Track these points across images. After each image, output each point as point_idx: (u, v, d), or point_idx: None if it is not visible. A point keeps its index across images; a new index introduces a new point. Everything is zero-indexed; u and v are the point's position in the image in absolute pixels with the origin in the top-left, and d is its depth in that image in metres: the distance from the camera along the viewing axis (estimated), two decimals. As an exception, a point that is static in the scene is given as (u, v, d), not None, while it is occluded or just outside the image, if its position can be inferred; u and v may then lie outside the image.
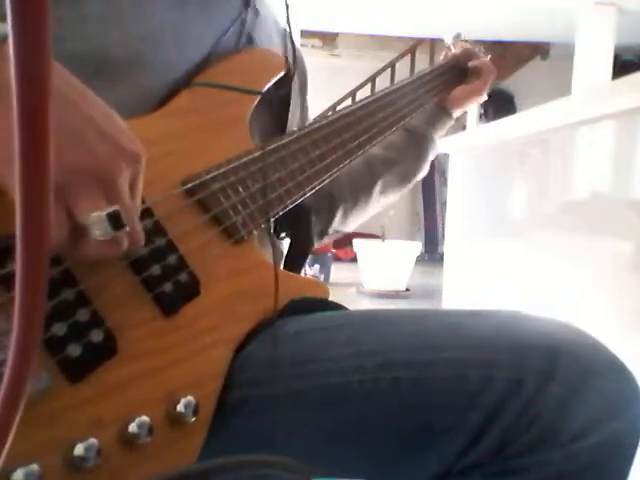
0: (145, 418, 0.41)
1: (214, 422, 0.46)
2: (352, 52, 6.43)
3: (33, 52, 0.16)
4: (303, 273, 0.68)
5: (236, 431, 0.49)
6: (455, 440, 0.47)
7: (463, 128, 2.67)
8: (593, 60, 3.59)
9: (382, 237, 4.50)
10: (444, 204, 4.70)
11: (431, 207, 6.53)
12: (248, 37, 0.64)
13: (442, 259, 2.69)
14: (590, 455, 0.45)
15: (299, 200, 0.61)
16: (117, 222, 0.37)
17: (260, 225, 0.56)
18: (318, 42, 6.25)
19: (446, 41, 0.98)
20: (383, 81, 5.55)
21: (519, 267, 1.96)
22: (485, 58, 0.94)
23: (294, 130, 0.64)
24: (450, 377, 0.48)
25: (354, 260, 4.64)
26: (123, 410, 0.41)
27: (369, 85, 5.79)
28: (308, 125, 0.65)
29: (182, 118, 0.54)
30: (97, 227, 0.37)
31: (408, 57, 5.86)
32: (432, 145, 0.87)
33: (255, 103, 0.60)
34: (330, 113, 0.69)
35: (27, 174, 0.16)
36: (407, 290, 4.43)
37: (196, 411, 0.44)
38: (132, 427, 0.41)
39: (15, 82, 0.16)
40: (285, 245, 0.69)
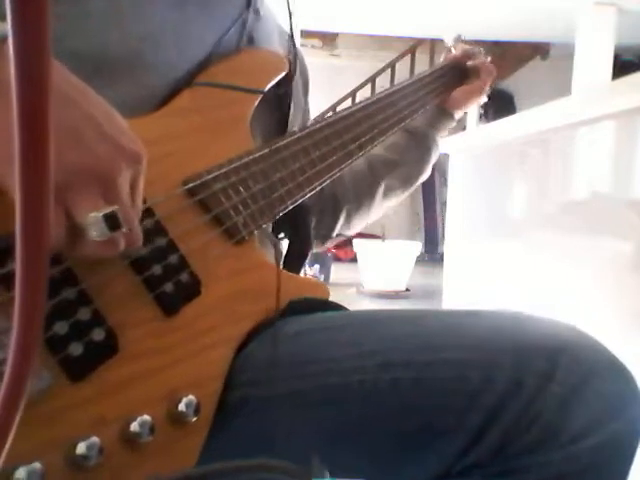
0: (147, 417, 0.41)
1: (215, 422, 0.46)
2: (352, 52, 6.43)
3: (33, 51, 0.16)
4: (303, 273, 0.68)
5: (237, 431, 0.49)
6: (455, 441, 0.47)
7: (463, 128, 2.67)
8: (593, 60, 3.59)
9: (382, 237, 4.50)
10: (444, 204, 4.70)
11: (431, 207, 6.53)
12: (249, 37, 0.64)
13: (442, 259, 2.69)
14: (590, 456, 0.45)
15: (300, 201, 0.61)
16: (114, 223, 0.37)
17: (261, 226, 0.56)
18: (318, 42, 6.25)
19: (446, 42, 0.98)
20: (383, 81, 5.55)
21: (519, 267, 1.96)
22: (485, 59, 0.94)
23: (295, 130, 0.64)
24: (450, 378, 0.48)
25: (354, 260, 4.64)
26: (125, 409, 0.41)
27: (369, 85, 5.79)
28: (309, 126, 0.65)
29: (184, 118, 0.54)
30: (94, 228, 0.37)
31: (408, 57, 5.85)
32: (434, 146, 0.87)
33: (256, 103, 0.60)
34: (331, 114, 0.69)
35: (27, 174, 0.16)
36: (407, 290, 4.43)
37: (197, 410, 0.44)
38: (134, 426, 0.41)
39: (15, 82, 0.16)
40: (284, 246, 0.69)
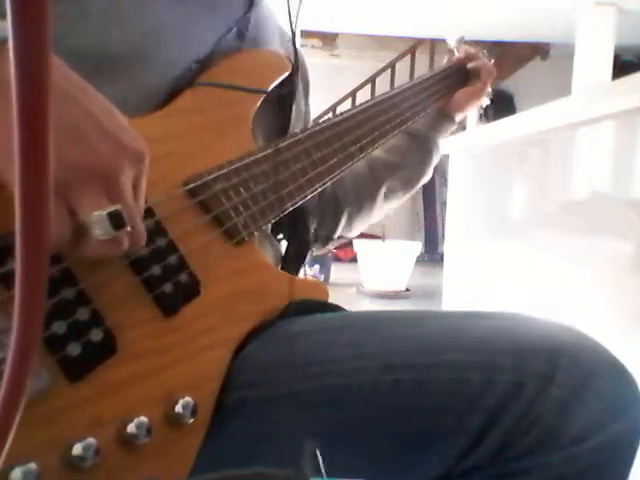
0: (144, 418, 0.41)
1: (212, 424, 0.46)
2: (352, 52, 6.43)
3: (33, 51, 0.16)
4: (303, 273, 0.68)
5: (234, 433, 0.49)
6: (455, 442, 0.47)
7: (463, 128, 2.67)
8: (593, 60, 3.60)
9: (382, 237, 4.50)
10: (444, 204, 4.70)
11: (431, 207, 6.53)
12: (251, 37, 0.64)
13: (442, 259, 2.69)
14: (590, 457, 0.45)
15: (300, 202, 0.61)
16: (118, 222, 0.37)
17: (261, 227, 0.56)
18: (318, 42, 6.25)
19: (449, 44, 0.98)
20: (383, 81, 5.55)
21: (519, 267, 1.96)
22: (486, 60, 0.94)
23: (297, 132, 0.63)
24: (451, 380, 0.48)
25: (354, 260, 4.64)
26: (122, 410, 0.41)
27: (369, 85, 5.78)
28: (310, 127, 0.65)
29: (185, 118, 0.54)
30: (98, 226, 0.36)
31: (408, 57, 5.85)
32: (435, 149, 0.87)
33: (258, 104, 0.60)
34: (333, 115, 0.69)
35: (27, 172, 0.16)
36: (407, 290, 4.43)
37: (194, 412, 0.44)
38: (131, 427, 0.41)
39: (15, 81, 0.16)
40: (282, 247, 0.69)
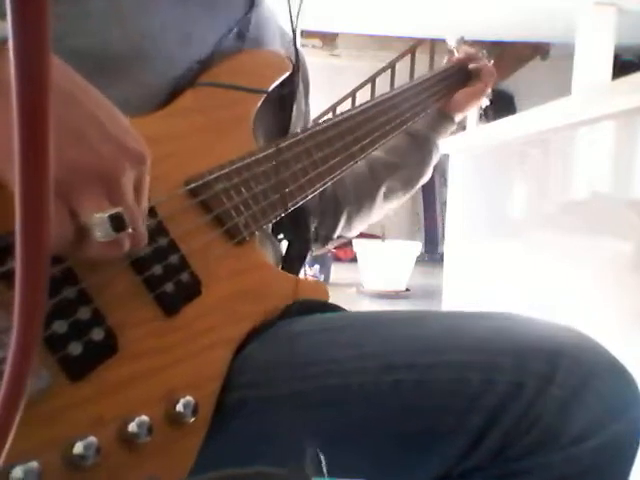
0: (145, 417, 0.41)
1: (213, 423, 0.46)
2: (352, 52, 6.42)
3: (33, 50, 0.16)
4: (303, 273, 0.68)
5: (235, 432, 0.49)
6: (456, 442, 0.47)
7: (463, 128, 2.67)
8: (593, 60, 3.59)
9: (382, 237, 4.50)
10: (444, 204, 4.70)
11: (431, 207, 6.52)
12: (252, 37, 0.64)
13: (442, 259, 2.69)
14: (591, 458, 0.45)
15: (301, 202, 0.61)
16: (119, 224, 0.37)
17: (262, 226, 0.56)
18: (318, 42, 6.25)
19: (449, 44, 0.98)
20: (383, 81, 5.55)
21: (519, 267, 1.96)
22: (486, 61, 0.94)
23: (297, 132, 0.63)
24: (451, 380, 0.48)
25: (354, 260, 4.64)
26: (123, 409, 0.41)
27: (369, 85, 5.78)
28: (311, 127, 0.65)
29: (186, 117, 0.54)
30: (99, 228, 0.36)
31: (408, 57, 5.84)
32: (435, 149, 0.87)
33: (259, 104, 0.60)
34: (333, 115, 0.69)
35: (27, 171, 0.16)
36: (407, 290, 4.43)
37: (195, 411, 0.44)
38: (132, 426, 0.41)
39: (15, 80, 0.16)
40: (283, 247, 0.69)
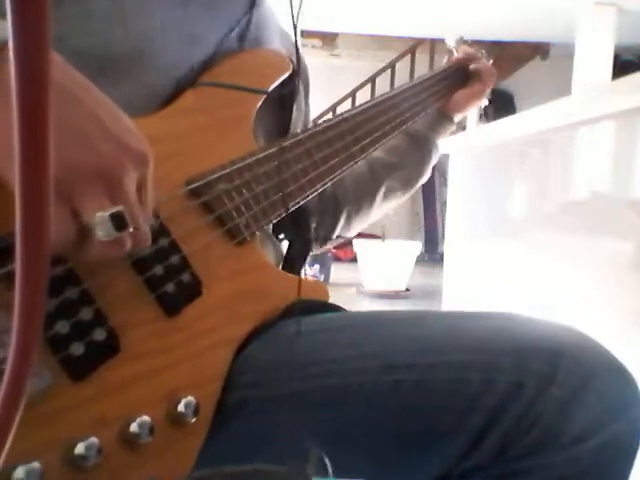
0: (146, 418, 0.41)
1: (214, 424, 0.46)
2: (352, 52, 6.43)
3: (33, 50, 0.16)
4: (303, 273, 0.68)
5: (236, 432, 0.49)
6: (456, 442, 0.47)
7: (463, 128, 2.66)
8: (593, 60, 3.60)
9: (382, 237, 4.50)
10: (444, 204, 4.70)
11: (431, 207, 6.53)
12: (253, 37, 0.64)
13: (442, 259, 2.69)
14: (591, 458, 0.45)
15: (301, 202, 0.61)
16: (120, 223, 0.37)
17: (262, 227, 0.56)
18: (318, 42, 6.25)
19: (448, 44, 0.98)
20: (383, 81, 5.55)
21: (519, 267, 1.96)
22: (486, 61, 0.94)
23: (298, 132, 0.63)
24: (451, 380, 0.48)
25: (354, 260, 4.64)
26: (125, 409, 0.41)
27: (369, 85, 5.79)
28: (312, 127, 0.65)
29: (187, 118, 0.54)
30: (100, 227, 0.36)
31: (408, 57, 5.85)
32: (434, 149, 0.87)
33: (260, 103, 0.60)
34: (333, 115, 0.69)
35: (27, 171, 0.16)
36: (407, 290, 4.43)
37: (196, 411, 0.44)
38: (133, 427, 0.41)
39: (15, 80, 0.16)
40: (284, 247, 0.69)
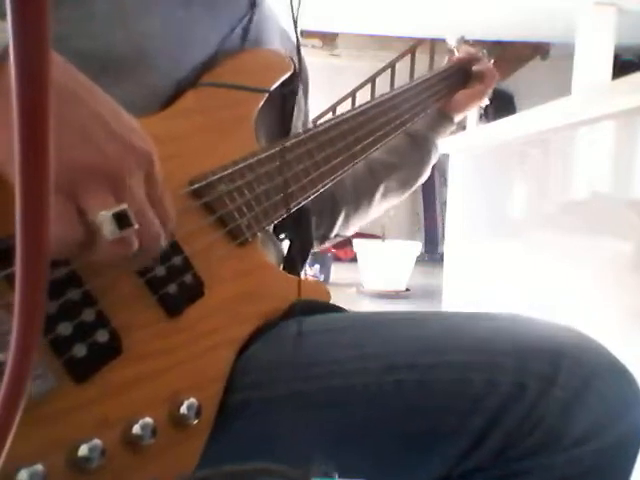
0: (149, 419, 0.41)
1: (216, 425, 0.46)
2: (352, 52, 6.43)
3: (33, 50, 0.16)
4: (303, 273, 0.68)
5: (238, 434, 0.49)
6: (458, 443, 0.47)
7: (463, 128, 2.66)
8: (593, 60, 3.60)
9: (382, 237, 4.50)
10: (444, 204, 4.70)
11: (431, 207, 6.53)
12: (253, 37, 0.64)
13: (442, 259, 2.69)
14: (593, 459, 0.45)
15: (303, 203, 0.61)
16: (124, 221, 0.36)
17: (264, 227, 0.56)
18: (318, 42, 6.24)
19: (449, 44, 0.97)
20: (383, 81, 5.55)
21: (519, 267, 1.96)
22: (488, 62, 0.94)
23: (299, 132, 0.63)
24: (453, 380, 0.48)
25: (354, 260, 4.64)
26: (128, 411, 0.42)
27: (369, 85, 5.78)
28: (313, 127, 0.65)
29: (188, 118, 0.54)
30: (104, 226, 0.36)
31: (408, 57, 5.85)
32: (434, 149, 0.87)
33: (261, 103, 0.60)
34: (333, 115, 0.69)
35: (27, 171, 0.16)
36: (407, 290, 4.43)
37: (199, 413, 0.44)
38: (136, 428, 0.41)
39: (15, 80, 0.16)
40: (285, 246, 0.69)
